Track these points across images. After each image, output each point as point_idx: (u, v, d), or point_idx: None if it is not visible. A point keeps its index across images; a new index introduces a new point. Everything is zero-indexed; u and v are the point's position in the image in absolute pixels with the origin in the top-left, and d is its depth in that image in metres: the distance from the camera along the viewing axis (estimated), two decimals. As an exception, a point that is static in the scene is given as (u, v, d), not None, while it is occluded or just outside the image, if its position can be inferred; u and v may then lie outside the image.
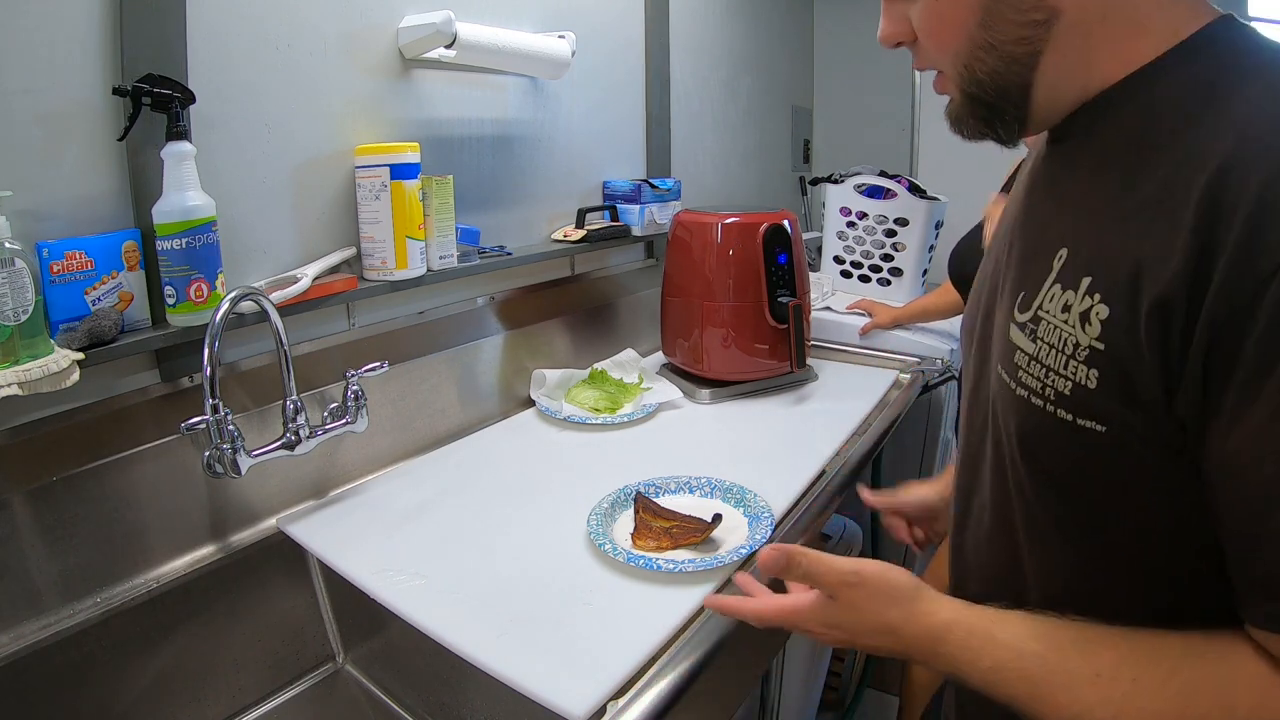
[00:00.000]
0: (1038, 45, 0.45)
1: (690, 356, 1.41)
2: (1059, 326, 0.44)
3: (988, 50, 0.46)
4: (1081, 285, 0.43)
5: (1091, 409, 0.43)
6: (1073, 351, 0.43)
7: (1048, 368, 0.45)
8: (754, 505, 0.94)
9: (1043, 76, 0.46)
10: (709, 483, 1.00)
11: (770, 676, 1.03)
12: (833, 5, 2.58)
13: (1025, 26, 0.44)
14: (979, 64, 0.47)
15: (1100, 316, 0.42)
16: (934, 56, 0.50)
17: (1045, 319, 0.46)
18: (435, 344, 1.20)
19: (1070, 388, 0.44)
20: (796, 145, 2.57)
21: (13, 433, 0.75)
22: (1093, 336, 0.42)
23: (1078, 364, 0.43)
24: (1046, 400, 0.45)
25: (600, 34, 1.52)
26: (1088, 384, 0.42)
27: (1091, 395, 0.42)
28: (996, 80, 0.47)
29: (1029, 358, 0.47)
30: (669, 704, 0.64)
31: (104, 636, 0.78)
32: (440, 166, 1.19)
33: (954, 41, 0.47)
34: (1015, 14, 0.44)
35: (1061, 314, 0.44)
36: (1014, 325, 0.49)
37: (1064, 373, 0.44)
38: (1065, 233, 0.46)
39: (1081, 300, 0.43)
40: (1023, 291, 0.49)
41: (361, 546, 0.89)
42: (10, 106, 0.73)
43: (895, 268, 1.84)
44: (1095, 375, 0.42)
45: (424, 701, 0.87)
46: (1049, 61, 0.45)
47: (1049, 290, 0.46)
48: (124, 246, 0.81)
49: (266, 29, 0.94)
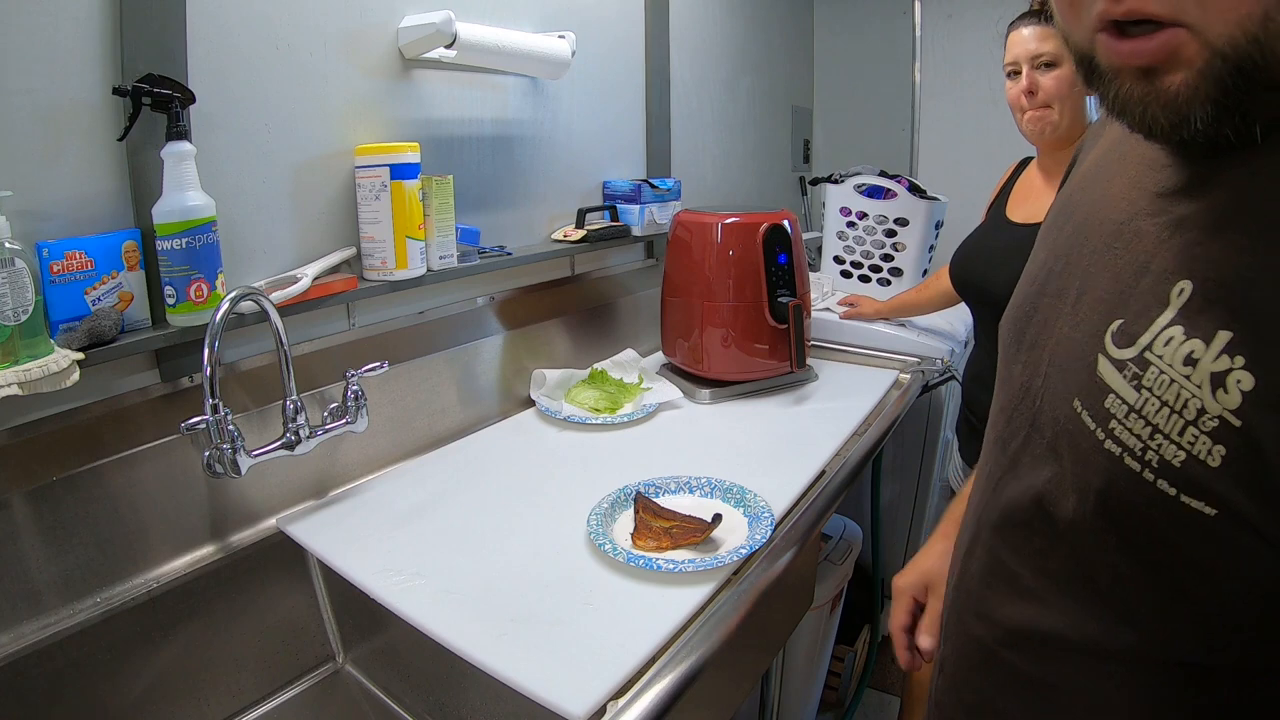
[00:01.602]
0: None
1: (690, 356, 1.41)
2: (1178, 382, 0.36)
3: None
4: (1217, 339, 0.34)
5: (1205, 490, 0.35)
6: (1195, 418, 0.35)
7: (1155, 428, 0.36)
8: (754, 505, 0.94)
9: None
10: (709, 483, 1.00)
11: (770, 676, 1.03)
12: (833, 5, 2.58)
13: None
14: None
15: (1242, 386, 0.33)
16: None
17: (1157, 365, 0.37)
18: (435, 344, 1.20)
19: (1183, 460, 0.35)
20: (796, 145, 2.57)
21: (13, 433, 0.75)
22: (1227, 407, 0.34)
23: (1199, 434, 0.35)
24: (1146, 466, 0.37)
25: (600, 34, 1.52)
26: (1208, 460, 0.34)
27: (1209, 474, 0.34)
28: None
29: (1129, 409, 0.38)
30: (669, 704, 0.64)
31: (104, 636, 0.78)
32: (440, 166, 1.19)
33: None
34: None
35: (1183, 367, 0.35)
36: (1106, 359, 0.40)
37: (1178, 440, 0.35)
38: (1192, 263, 0.37)
39: (1216, 358, 0.34)
40: (1119, 319, 0.40)
41: (361, 546, 0.89)
42: (10, 106, 0.73)
43: (895, 268, 1.84)
44: (1220, 453, 0.34)
45: (424, 701, 0.87)
46: None
47: (1165, 331, 0.37)
48: (124, 246, 0.81)
49: (266, 29, 0.94)
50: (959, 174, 2.05)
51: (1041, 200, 1.22)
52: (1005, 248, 1.22)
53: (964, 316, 1.61)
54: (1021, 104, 1.16)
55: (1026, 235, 1.19)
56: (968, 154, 2.28)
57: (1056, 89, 1.12)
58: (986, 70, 1.27)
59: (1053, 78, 1.12)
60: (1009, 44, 1.16)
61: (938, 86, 2.40)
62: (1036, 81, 1.13)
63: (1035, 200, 1.24)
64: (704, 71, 1.94)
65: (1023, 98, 1.15)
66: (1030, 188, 1.27)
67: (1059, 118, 1.13)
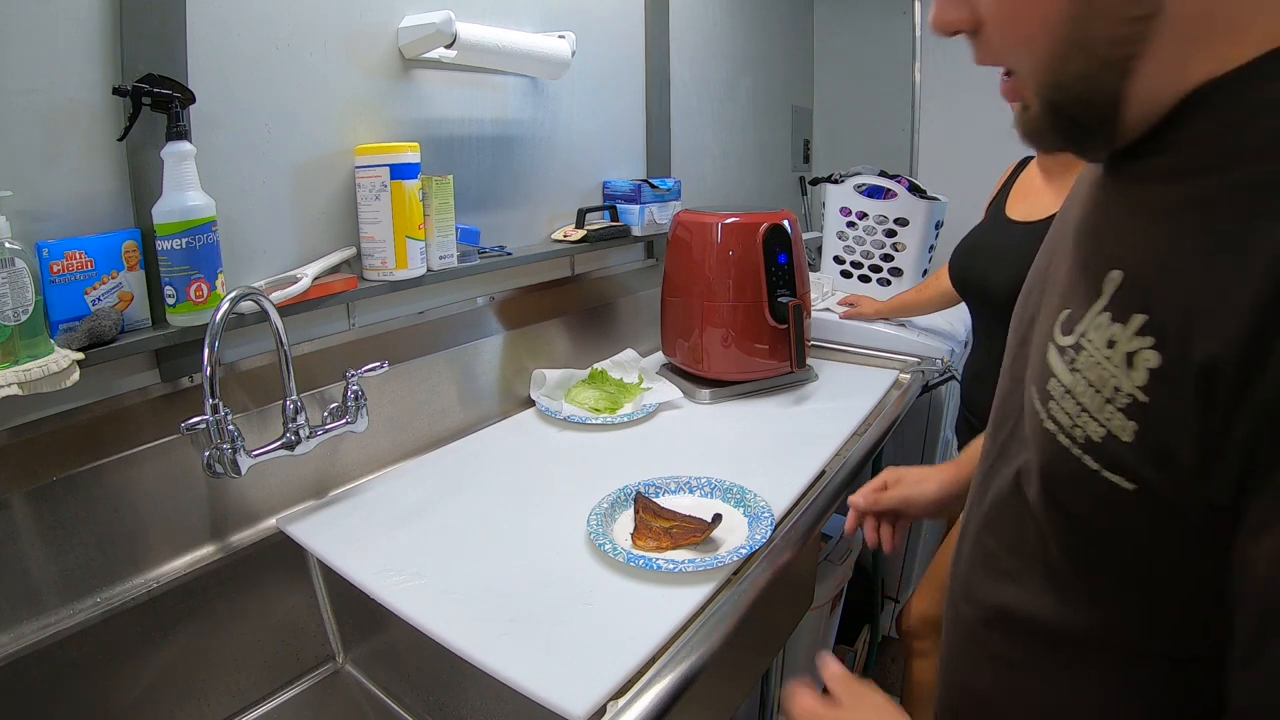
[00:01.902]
0: (1135, 47, 0.37)
1: (690, 356, 1.41)
2: (1101, 363, 0.39)
3: (1078, 49, 0.38)
4: (1133, 322, 0.37)
5: (1121, 464, 0.38)
6: (1112, 396, 0.38)
7: (1082, 406, 0.40)
8: (754, 505, 0.94)
9: (1136, 84, 0.38)
10: (709, 482, 1.00)
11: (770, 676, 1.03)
12: (833, 5, 2.58)
13: (1124, 23, 0.37)
14: (1065, 66, 0.39)
15: (1149, 364, 0.36)
16: (1005, 51, 0.42)
17: (1087, 350, 0.40)
18: (435, 344, 1.20)
19: (1103, 436, 0.38)
20: (796, 145, 2.57)
21: (13, 433, 0.75)
22: (1136, 384, 0.36)
23: (1115, 411, 0.38)
24: (1074, 442, 0.40)
25: (600, 34, 1.52)
26: (1121, 436, 0.37)
27: (1123, 449, 0.37)
28: (1085, 87, 0.39)
29: (1064, 390, 0.41)
30: (669, 704, 0.64)
31: (104, 636, 0.78)
32: (440, 166, 1.19)
33: (1034, 37, 0.39)
34: (1115, 7, 0.36)
35: (1106, 349, 0.39)
36: (1053, 346, 0.44)
37: (1098, 417, 0.39)
38: (1124, 253, 0.40)
39: (1130, 339, 0.37)
40: (1068, 309, 0.43)
41: (361, 546, 0.89)
42: (10, 106, 0.73)
43: (895, 268, 1.84)
44: (1133, 430, 0.37)
45: (424, 701, 0.87)
46: (1145, 67, 0.38)
47: (1096, 318, 0.40)
48: (124, 246, 0.81)
49: (266, 29, 0.94)
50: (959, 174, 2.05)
51: (1041, 198, 1.22)
52: (1005, 247, 1.22)
53: (964, 316, 1.61)
54: None
55: (1025, 234, 1.20)
56: (968, 154, 2.28)
57: None
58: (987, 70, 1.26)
59: None
60: None
61: (938, 86, 2.40)
62: None
63: (1035, 199, 1.24)
64: (704, 71, 1.94)
65: None
66: (1030, 186, 1.27)
67: None
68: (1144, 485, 0.37)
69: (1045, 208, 1.19)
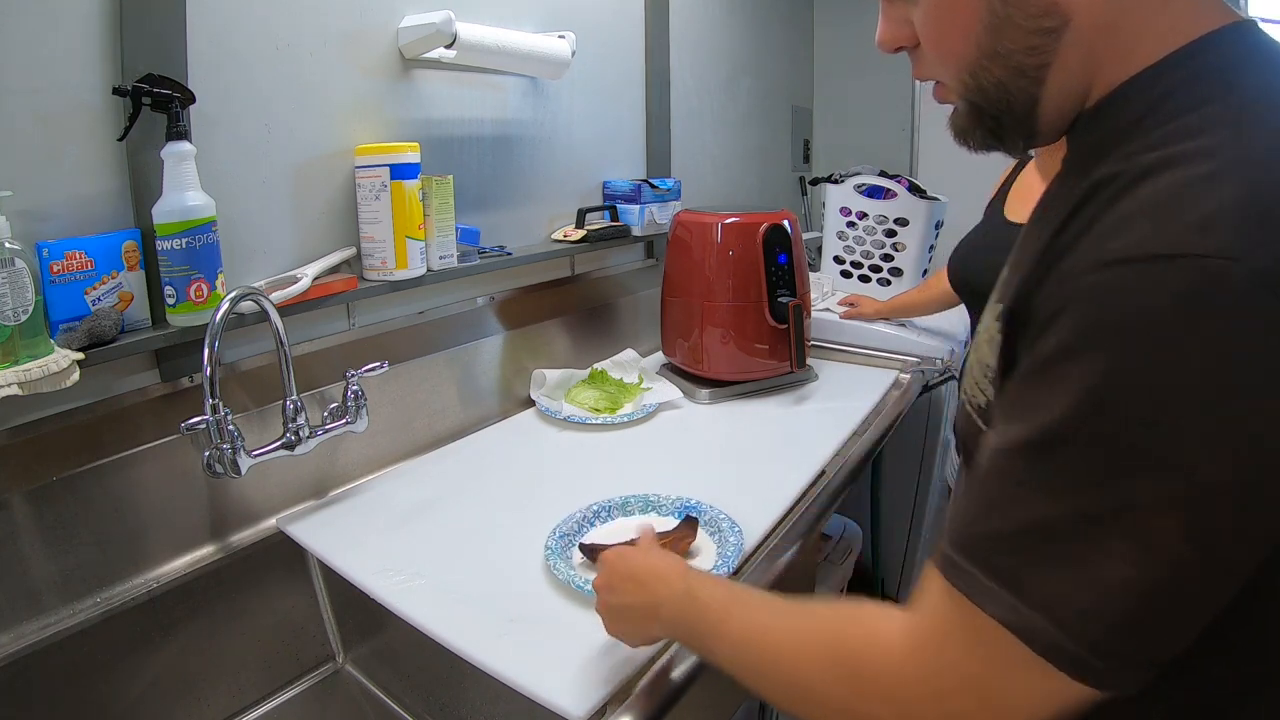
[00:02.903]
0: (1046, 55, 0.41)
1: (690, 356, 1.41)
2: (983, 344, 0.46)
3: (994, 59, 0.42)
4: (995, 309, 0.44)
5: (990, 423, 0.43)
6: (985, 370, 0.45)
7: (975, 379, 0.47)
8: (716, 522, 0.90)
9: (1050, 88, 0.43)
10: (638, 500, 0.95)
11: (770, 676, 1.02)
12: (833, 5, 2.58)
13: (1035, 35, 0.41)
14: (984, 74, 0.43)
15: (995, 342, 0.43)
16: (935, 64, 0.47)
17: (981, 333, 0.47)
18: (435, 344, 1.20)
19: (983, 403, 0.45)
20: (796, 145, 2.57)
21: (13, 433, 0.75)
22: (989, 361, 0.44)
23: (986, 382, 0.44)
24: (973, 407, 0.47)
25: (600, 34, 1.52)
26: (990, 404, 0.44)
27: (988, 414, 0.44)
28: (1002, 92, 0.43)
29: (974, 364, 0.48)
30: (669, 704, 0.64)
31: (104, 636, 0.78)
32: (440, 166, 1.19)
33: (958, 49, 0.44)
34: (1025, 20, 0.41)
35: (985, 331, 0.46)
36: (983, 332, 0.50)
37: (980, 386, 0.46)
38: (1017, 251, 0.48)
39: (992, 323, 0.44)
40: (998, 300, 0.49)
41: (361, 546, 0.89)
42: (10, 106, 0.73)
43: (895, 268, 1.84)
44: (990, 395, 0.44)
45: (424, 701, 0.87)
46: (1057, 72, 0.42)
47: (994, 306, 0.47)
48: (124, 246, 0.81)
49: (266, 29, 0.94)
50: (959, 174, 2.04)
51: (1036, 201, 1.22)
52: (1002, 248, 1.22)
53: (964, 316, 1.61)
54: None
55: None
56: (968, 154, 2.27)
57: None
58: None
59: None
60: None
61: (938, 86, 2.40)
62: None
63: (1031, 200, 1.23)
64: (704, 72, 1.94)
65: None
66: (1028, 187, 1.27)
67: None
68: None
69: None
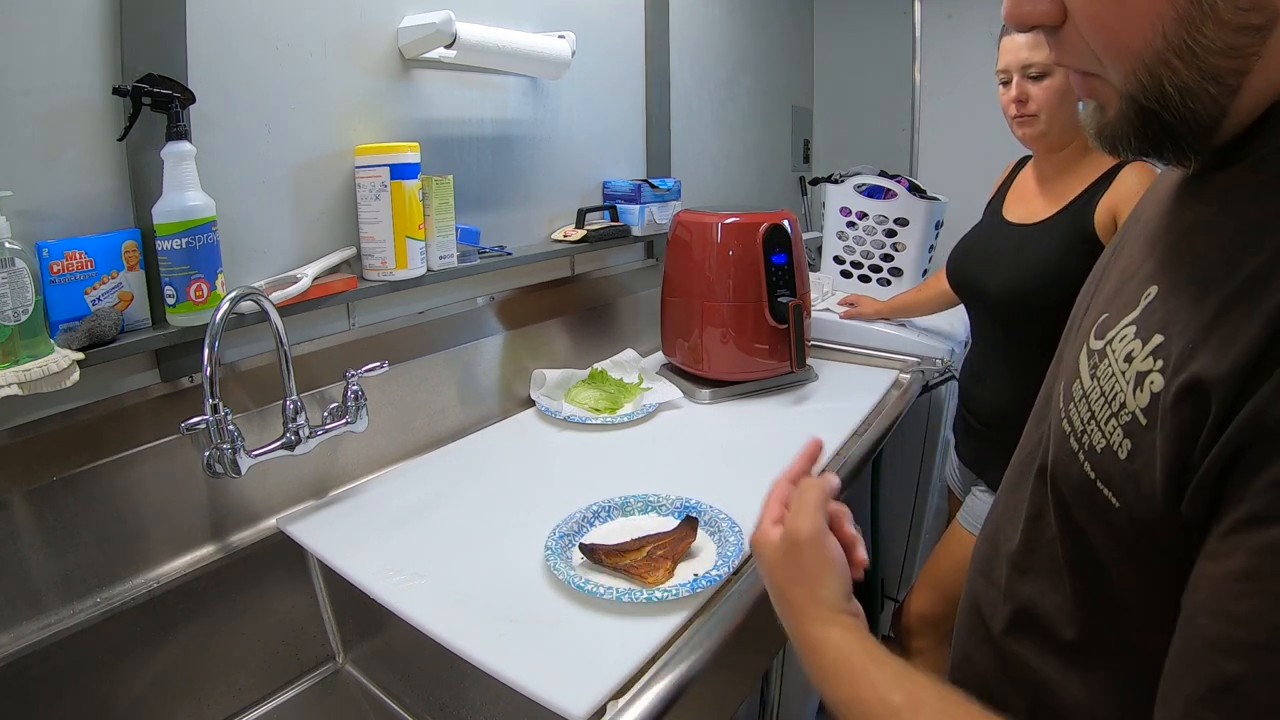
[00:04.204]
0: (1247, 60, 0.33)
1: (690, 356, 1.41)
2: (1116, 376, 0.38)
3: (1184, 58, 0.34)
4: (1151, 342, 0.36)
5: (1112, 479, 0.37)
6: (1117, 411, 0.37)
7: (1093, 414, 0.39)
8: (715, 521, 0.91)
9: (1243, 98, 0.35)
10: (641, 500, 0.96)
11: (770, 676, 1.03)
12: (833, 5, 2.58)
13: (1238, 32, 0.33)
14: (1169, 75, 0.35)
15: (1154, 387, 0.35)
16: (1095, 54, 0.37)
17: (1109, 359, 0.39)
18: (435, 344, 1.20)
19: (1103, 447, 0.38)
20: (796, 145, 2.57)
21: (13, 433, 0.75)
22: (1139, 405, 0.35)
23: (1117, 426, 0.37)
24: (1081, 448, 0.40)
25: (600, 34, 1.52)
26: (1118, 452, 0.36)
27: (1116, 465, 0.37)
28: (1187, 99, 0.35)
29: (1082, 394, 0.41)
30: (669, 704, 0.64)
31: (104, 636, 0.78)
32: (440, 166, 1.19)
33: (1137, 41, 0.35)
34: (1231, 14, 0.32)
35: (1123, 363, 0.37)
36: (1085, 349, 0.43)
37: (1103, 428, 0.38)
38: (1165, 269, 0.38)
39: (1145, 359, 0.36)
40: (1107, 313, 0.42)
41: (361, 546, 0.89)
42: (10, 106, 0.73)
43: (895, 268, 1.84)
44: (1127, 447, 0.36)
45: (424, 701, 0.87)
46: (1253, 79, 0.34)
47: (1124, 329, 0.39)
48: (124, 246, 0.81)
49: (266, 29, 0.94)
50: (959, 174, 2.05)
51: (1035, 203, 1.23)
52: (1002, 248, 1.22)
53: (964, 317, 1.61)
54: (1011, 111, 1.17)
55: (1022, 236, 1.20)
56: (968, 154, 2.28)
57: (1046, 99, 1.12)
58: (987, 70, 1.26)
59: (1042, 88, 1.12)
60: (1001, 50, 1.17)
61: (938, 86, 2.40)
62: (1026, 91, 1.13)
63: (1029, 202, 1.24)
64: (704, 71, 1.94)
65: (1012, 106, 1.16)
66: (1026, 189, 1.27)
67: (1047, 127, 1.14)
68: (1126, 505, 0.37)
69: (1038, 212, 1.20)
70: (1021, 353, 1.19)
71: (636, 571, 0.80)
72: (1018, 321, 1.19)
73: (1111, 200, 1.09)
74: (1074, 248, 1.11)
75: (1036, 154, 1.25)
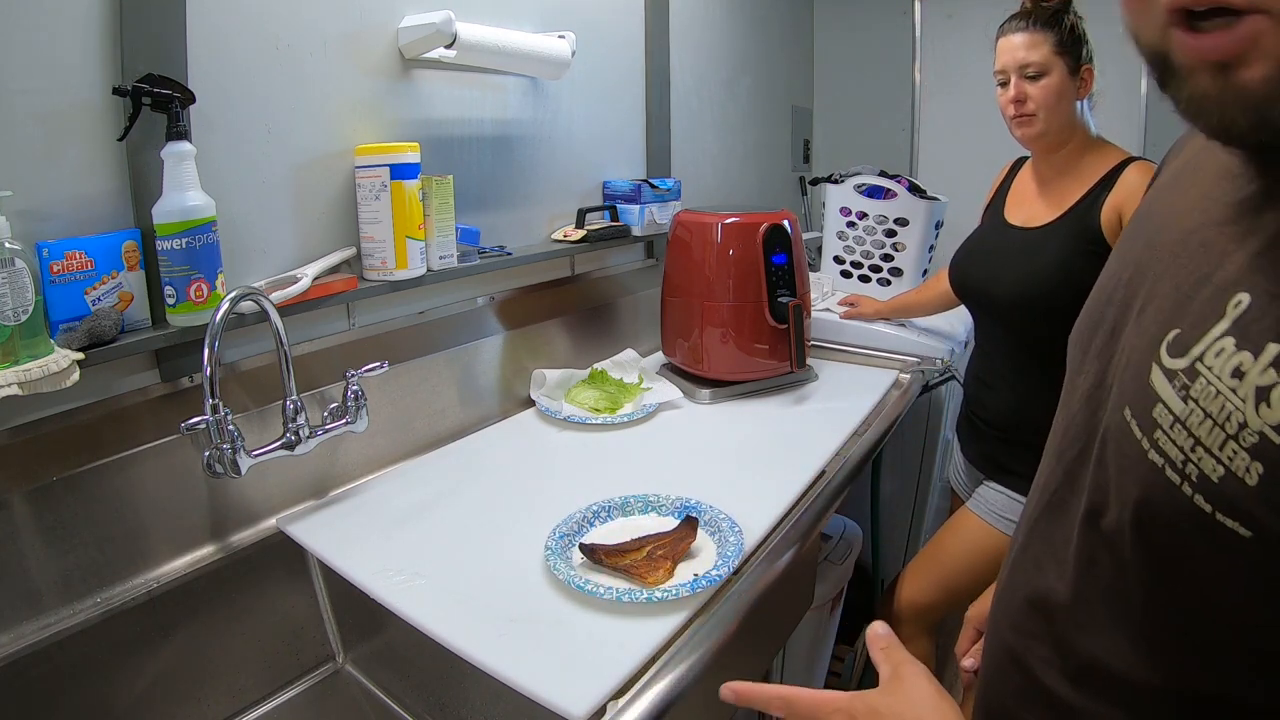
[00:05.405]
0: None
1: (690, 356, 1.41)
2: (1224, 394, 0.34)
3: None
4: (1267, 352, 0.33)
5: (1240, 509, 0.33)
6: (1236, 433, 0.34)
7: (1197, 440, 0.35)
8: (715, 521, 0.91)
9: None
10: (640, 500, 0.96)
11: (770, 676, 1.03)
12: (833, 5, 2.58)
13: None
14: None
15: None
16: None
17: (1205, 377, 0.36)
18: (435, 344, 1.20)
19: (1221, 475, 0.34)
20: (796, 145, 2.57)
21: (13, 433, 0.75)
22: (1268, 422, 0.32)
23: (1239, 449, 0.33)
24: (1186, 479, 0.36)
25: (600, 34, 1.52)
26: (1245, 478, 0.33)
27: (1246, 493, 0.33)
28: None
29: (1174, 419, 0.37)
30: (669, 704, 0.64)
31: (104, 636, 0.78)
32: (440, 166, 1.19)
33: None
34: None
35: (1230, 379, 0.34)
36: (1158, 368, 0.39)
37: (1218, 454, 0.34)
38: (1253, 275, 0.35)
39: (1264, 371, 0.33)
40: (1176, 329, 0.39)
41: (361, 546, 0.89)
42: (10, 106, 0.73)
43: (895, 268, 1.84)
44: (1258, 471, 0.32)
45: (424, 701, 0.87)
46: None
47: (1218, 342, 0.36)
48: (124, 246, 0.81)
49: (266, 29, 0.94)
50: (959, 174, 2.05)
51: (1035, 205, 1.23)
52: (1007, 252, 1.22)
53: (964, 317, 1.61)
54: (1010, 112, 1.17)
55: (1026, 240, 1.20)
56: (968, 154, 2.28)
57: (1044, 99, 1.13)
58: (986, 70, 1.26)
59: (1040, 87, 1.13)
60: (999, 50, 1.17)
61: (938, 86, 2.40)
62: (1024, 91, 1.14)
63: (1031, 205, 1.24)
64: (704, 72, 1.94)
65: (1010, 106, 1.16)
66: (1026, 192, 1.27)
67: (1045, 126, 1.14)
68: (1261, 534, 0.33)
69: (1041, 215, 1.20)
70: (1029, 355, 1.20)
71: (636, 571, 0.80)
72: (1026, 325, 1.19)
73: (1116, 200, 1.10)
74: (1081, 249, 1.11)
75: (1035, 154, 1.25)
